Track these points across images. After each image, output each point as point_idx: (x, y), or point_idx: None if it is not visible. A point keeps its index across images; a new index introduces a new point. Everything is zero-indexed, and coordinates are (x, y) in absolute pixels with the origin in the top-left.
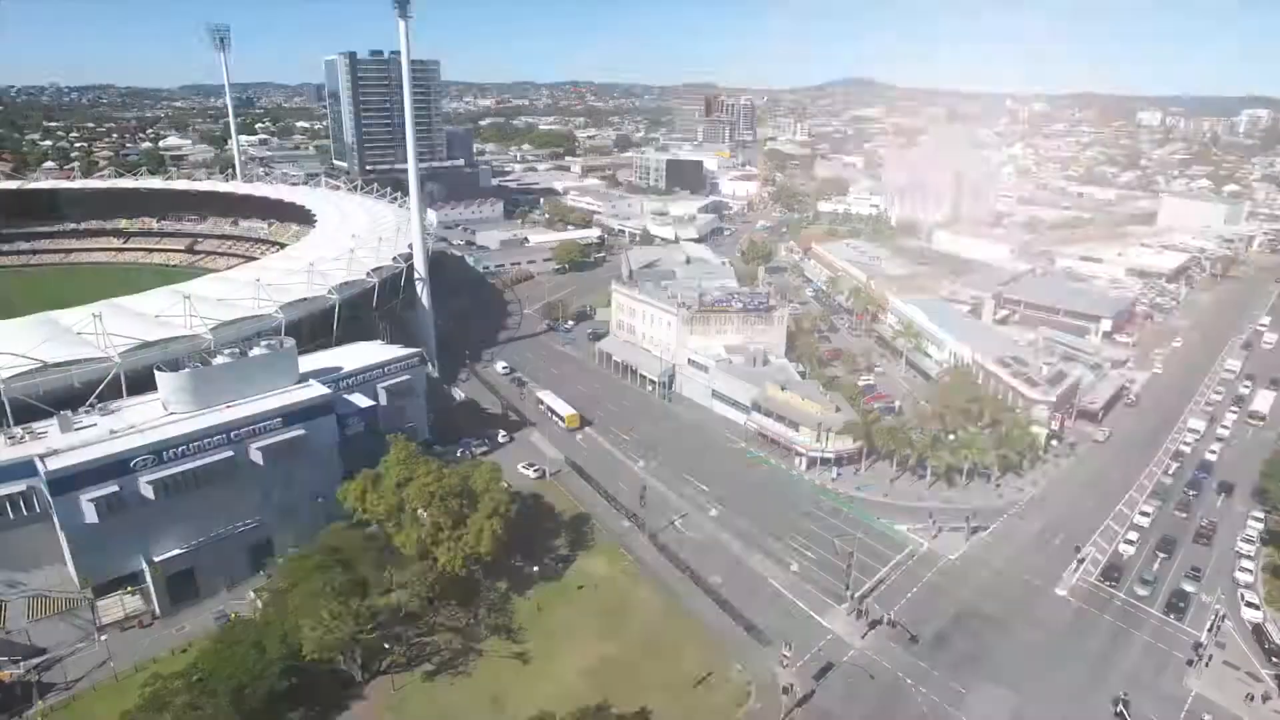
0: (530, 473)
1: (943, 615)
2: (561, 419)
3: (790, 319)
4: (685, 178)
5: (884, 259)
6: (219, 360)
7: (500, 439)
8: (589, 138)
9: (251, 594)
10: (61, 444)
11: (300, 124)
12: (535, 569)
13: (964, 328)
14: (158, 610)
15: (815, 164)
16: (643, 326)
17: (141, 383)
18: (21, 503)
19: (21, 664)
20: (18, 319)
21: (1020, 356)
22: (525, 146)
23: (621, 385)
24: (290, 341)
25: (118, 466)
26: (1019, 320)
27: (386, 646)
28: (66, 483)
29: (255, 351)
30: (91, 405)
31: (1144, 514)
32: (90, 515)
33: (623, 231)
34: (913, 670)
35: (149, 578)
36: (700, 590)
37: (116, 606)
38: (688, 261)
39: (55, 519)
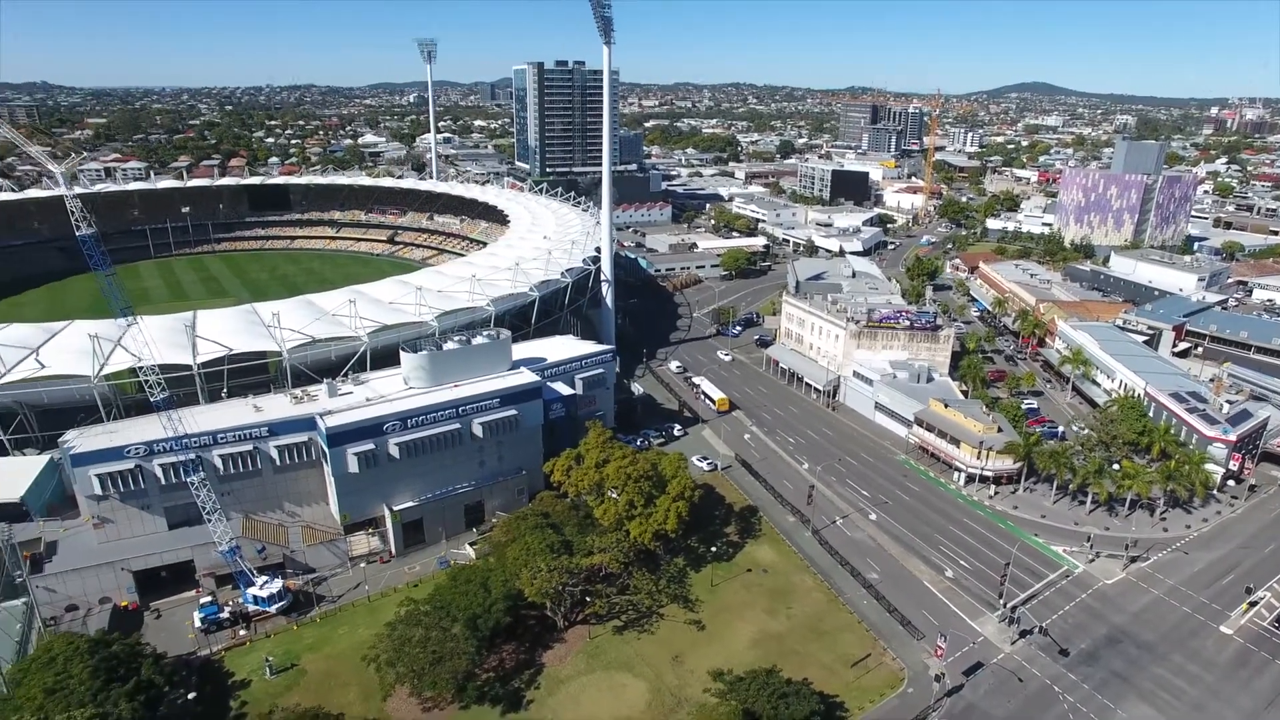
0: (704, 465)
1: (1094, 634)
2: (713, 401)
3: (955, 338)
4: (850, 188)
5: (1055, 283)
6: (449, 345)
7: (676, 433)
8: (751, 143)
9: (468, 545)
10: (329, 406)
11: (478, 123)
12: (713, 549)
13: (1138, 358)
14: (393, 550)
15: (985, 177)
16: (811, 337)
17: (379, 359)
18: (303, 450)
19: (301, 577)
20: (287, 300)
21: (1199, 392)
22: (689, 150)
23: (787, 391)
24: (506, 333)
25: (375, 428)
26: (1201, 354)
27: (588, 600)
28: (339, 438)
29: (478, 340)
30: (345, 375)
31: None
32: (353, 466)
33: (787, 241)
34: (1061, 679)
35: (389, 523)
36: (859, 584)
37: (362, 543)
38: (853, 275)
39: (327, 466)
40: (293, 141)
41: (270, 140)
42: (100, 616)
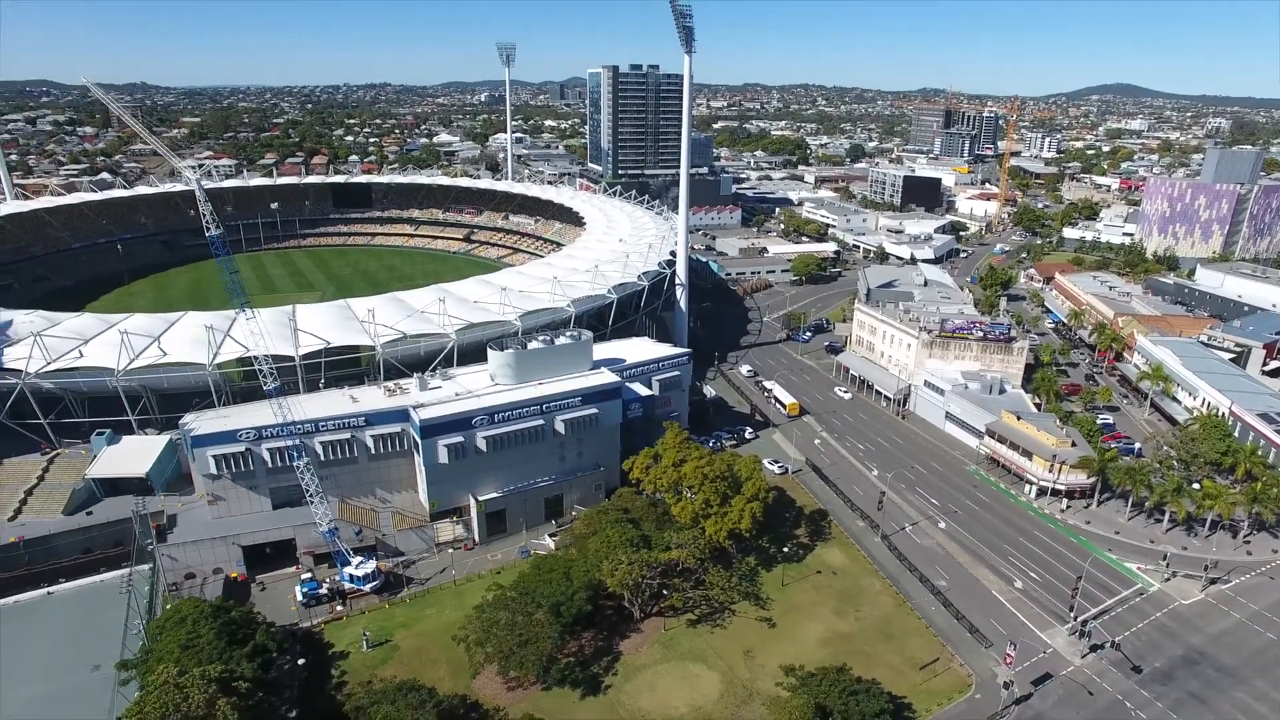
0: (775, 469)
1: (1170, 654)
2: (784, 406)
3: (1028, 350)
4: (921, 195)
5: (1135, 296)
6: (533, 345)
7: (747, 435)
8: (821, 146)
9: (547, 536)
10: (420, 400)
11: (548, 123)
12: (785, 550)
13: (1223, 376)
14: (476, 538)
15: (1063, 184)
16: (882, 345)
17: (465, 355)
18: (396, 441)
19: (391, 559)
20: (378, 296)
21: None
22: (758, 153)
23: (857, 397)
24: (588, 335)
25: (464, 422)
26: None
27: (664, 593)
28: (431, 430)
29: (561, 340)
30: (433, 370)
31: None
32: (443, 457)
33: (857, 247)
34: (1133, 696)
35: (474, 512)
36: (927, 590)
37: (448, 530)
38: (925, 284)
39: (418, 456)
40: (370, 140)
41: (350, 139)
42: (214, 585)
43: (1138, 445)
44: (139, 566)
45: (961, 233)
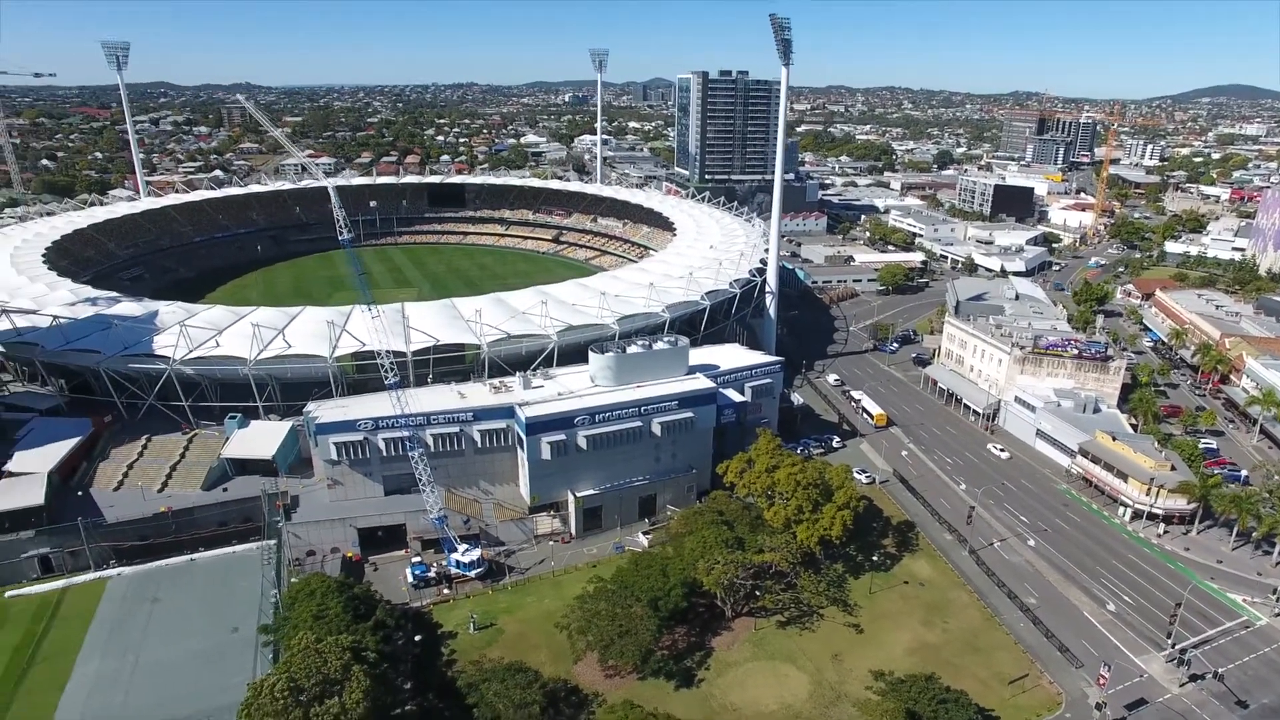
0: (862, 478)
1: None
2: (871, 416)
3: (1125, 370)
4: (1012, 204)
5: (1245, 316)
6: (633, 349)
7: (835, 444)
8: (907, 151)
9: (641, 534)
10: (524, 398)
11: (631, 124)
12: (873, 559)
13: None
14: (573, 532)
15: (1165, 194)
16: (972, 359)
17: (563, 356)
18: (501, 436)
19: (493, 548)
20: (481, 296)
21: None
22: (843, 158)
23: (945, 411)
24: (685, 340)
25: (566, 421)
26: None
27: (757, 594)
28: (536, 427)
29: (658, 345)
30: (535, 370)
31: None
32: (545, 454)
33: (944, 257)
34: None
35: (571, 507)
36: (1015, 607)
37: (546, 524)
38: (1016, 298)
39: (521, 452)
40: (460, 140)
41: (440, 139)
42: (332, 563)
43: (1244, 473)
44: (266, 542)
45: (1054, 245)
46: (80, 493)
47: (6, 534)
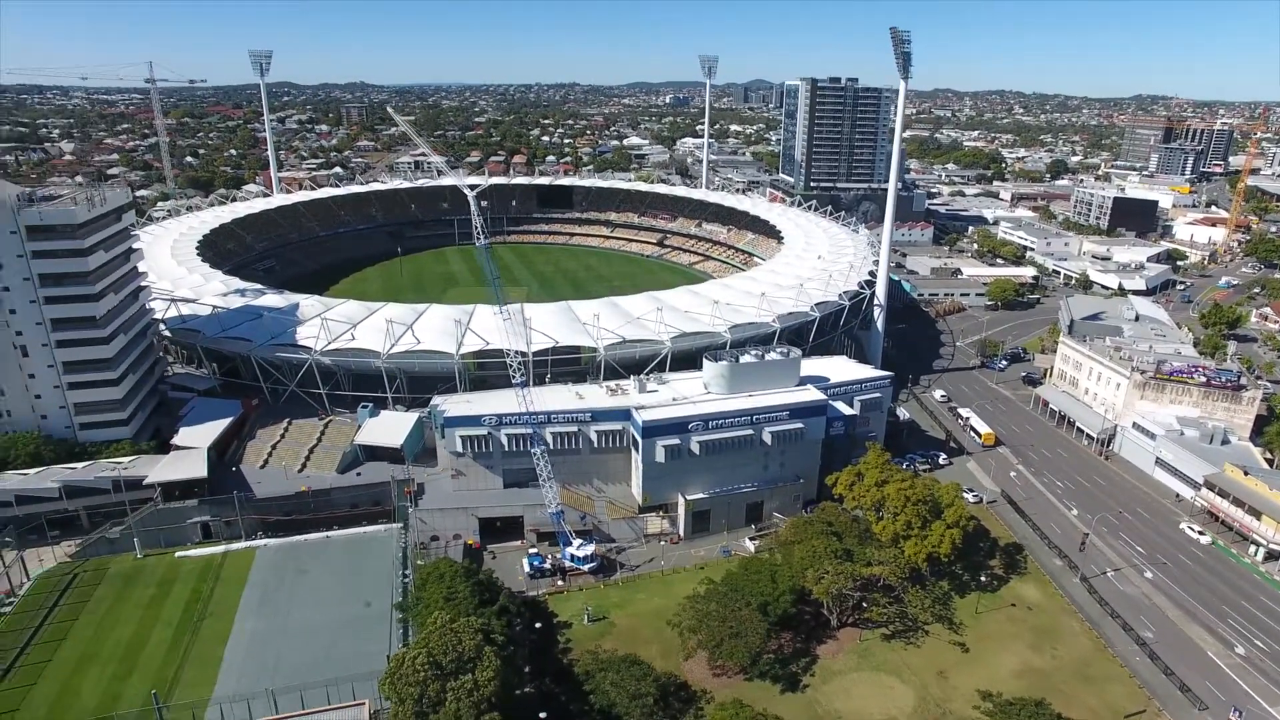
0: (969, 497)
1: None
2: (979, 434)
3: (1261, 400)
4: (1133, 217)
5: None
6: (746, 359)
7: (941, 461)
8: (1018, 159)
9: (748, 540)
10: (640, 401)
11: (733, 127)
12: (981, 578)
13: None
14: (681, 534)
15: None
16: (1086, 381)
17: (675, 362)
18: (617, 437)
19: (604, 545)
20: (597, 300)
21: None
22: (950, 165)
23: (1056, 433)
24: (797, 352)
25: (680, 425)
26: None
27: (864, 605)
28: (652, 430)
29: (771, 355)
30: (648, 374)
31: None
32: (660, 456)
33: (1057, 273)
34: None
35: (680, 510)
36: (1130, 639)
37: (655, 524)
38: (1136, 318)
39: (636, 454)
40: (565, 141)
41: (545, 139)
42: (455, 549)
43: None
44: (393, 525)
45: (1179, 262)
46: (234, 469)
47: (176, 501)
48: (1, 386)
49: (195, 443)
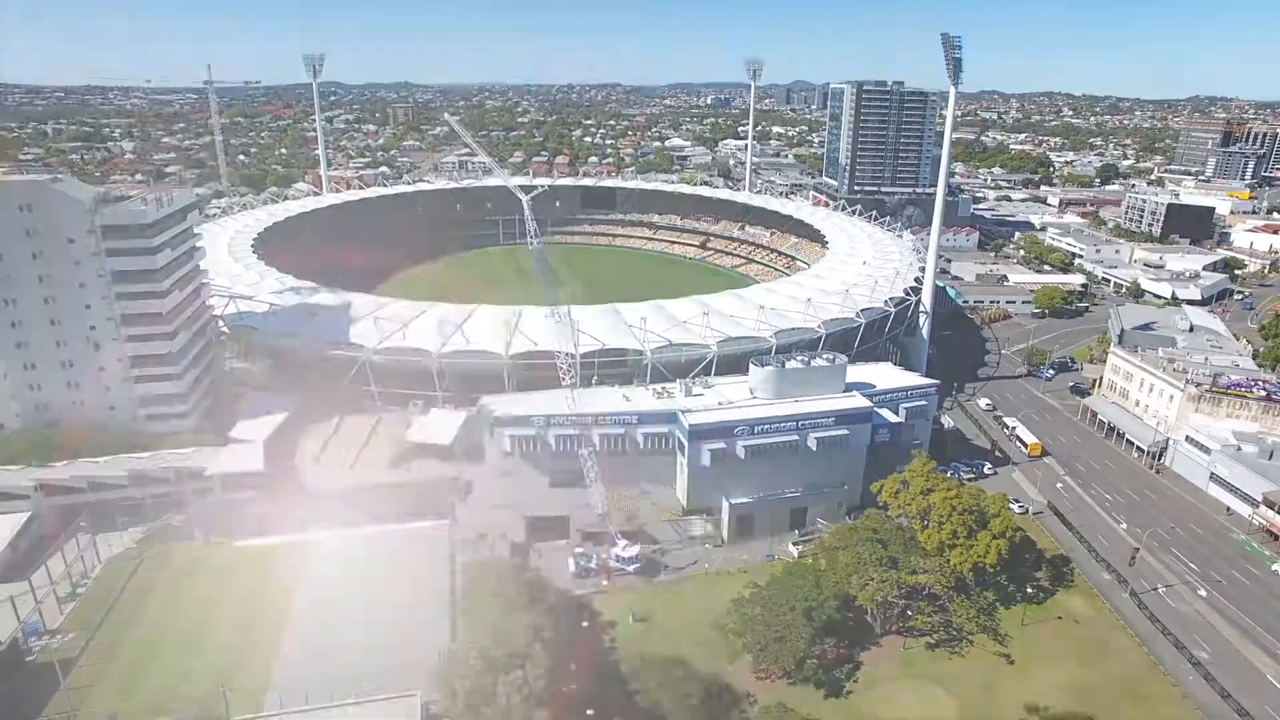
0: (1015, 508)
1: None
2: (1025, 444)
3: None
4: (1187, 224)
5: None
6: (792, 364)
7: (986, 470)
8: (1066, 163)
9: (791, 545)
10: (686, 405)
11: (775, 129)
12: (1028, 589)
13: None
14: (725, 537)
15: None
16: (1137, 393)
17: (721, 366)
18: (663, 440)
19: (649, 546)
20: (644, 303)
21: None
22: (995, 169)
23: (1104, 445)
24: (843, 358)
25: (726, 429)
26: None
27: (908, 613)
28: (698, 434)
29: (817, 362)
30: (694, 378)
31: None
32: (705, 460)
33: (1107, 280)
34: None
35: (725, 513)
36: (1183, 658)
37: (699, 527)
38: (1190, 329)
39: (682, 456)
40: (607, 142)
41: (588, 140)
42: (501, 547)
43: None
44: (443, 521)
45: (1237, 271)
46: (289, 462)
47: (235, 492)
48: (77, 379)
49: (251, 436)
